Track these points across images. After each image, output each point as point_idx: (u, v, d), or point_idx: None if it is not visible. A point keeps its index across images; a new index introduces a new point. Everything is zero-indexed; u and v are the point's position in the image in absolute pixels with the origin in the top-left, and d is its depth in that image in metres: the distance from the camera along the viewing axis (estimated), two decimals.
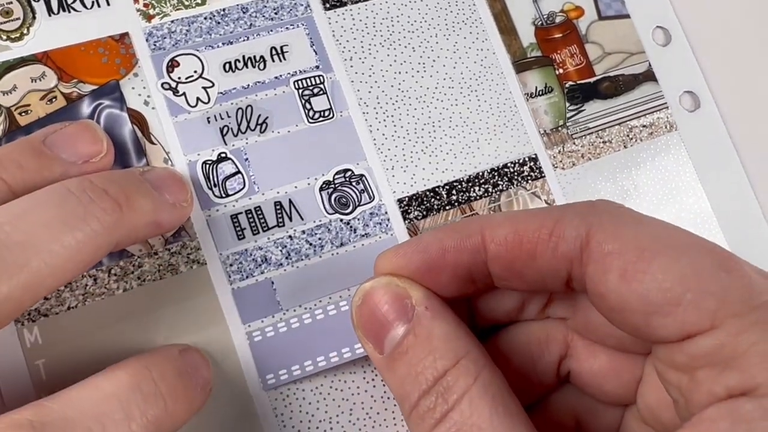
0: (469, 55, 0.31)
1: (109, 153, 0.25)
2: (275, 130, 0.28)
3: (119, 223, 0.22)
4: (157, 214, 0.24)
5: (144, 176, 0.24)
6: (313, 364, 0.26)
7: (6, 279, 0.19)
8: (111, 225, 0.21)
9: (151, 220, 0.23)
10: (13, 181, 0.22)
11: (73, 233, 0.20)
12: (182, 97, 0.27)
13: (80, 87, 0.27)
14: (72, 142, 0.24)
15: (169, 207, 0.24)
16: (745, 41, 0.34)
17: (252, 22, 0.29)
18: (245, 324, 0.26)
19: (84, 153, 0.24)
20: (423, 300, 0.21)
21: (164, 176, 0.25)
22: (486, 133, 0.30)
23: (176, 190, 0.25)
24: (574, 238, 0.20)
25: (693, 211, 0.31)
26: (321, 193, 0.28)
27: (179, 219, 0.25)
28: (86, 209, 0.21)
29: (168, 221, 0.24)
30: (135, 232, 0.23)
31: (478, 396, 0.19)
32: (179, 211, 0.25)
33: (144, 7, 0.28)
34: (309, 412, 0.26)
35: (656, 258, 0.19)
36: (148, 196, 0.23)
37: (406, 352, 0.21)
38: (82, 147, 0.24)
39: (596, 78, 0.32)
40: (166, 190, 0.24)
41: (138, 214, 0.23)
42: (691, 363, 0.18)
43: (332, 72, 0.29)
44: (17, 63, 0.26)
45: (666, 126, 0.32)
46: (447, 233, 0.22)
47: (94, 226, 0.21)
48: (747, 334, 0.17)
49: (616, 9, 0.33)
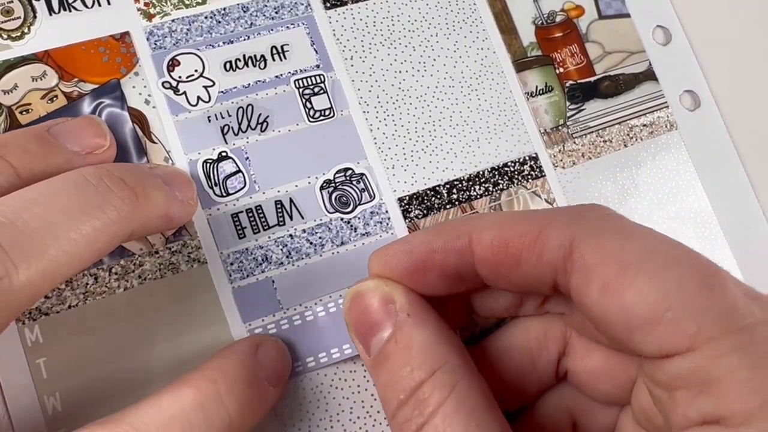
0: (469, 54, 0.31)
1: (112, 147, 0.25)
2: (276, 129, 0.28)
3: (135, 213, 0.22)
4: (169, 207, 0.24)
5: (155, 171, 0.25)
6: (315, 360, 0.26)
7: (25, 266, 0.19)
8: (127, 214, 0.21)
9: (163, 213, 0.23)
10: (19, 165, 0.22)
11: (90, 221, 0.20)
12: (183, 96, 0.27)
13: (81, 86, 0.27)
14: (76, 133, 0.24)
15: (179, 202, 0.24)
16: (745, 40, 0.34)
17: (252, 21, 0.29)
18: (246, 323, 0.26)
19: (88, 144, 0.24)
20: (406, 306, 0.21)
21: (173, 173, 0.25)
22: (486, 132, 0.30)
23: (184, 188, 0.25)
24: (558, 248, 0.20)
25: (693, 210, 0.31)
26: (321, 192, 0.28)
27: (188, 215, 0.25)
28: (104, 197, 0.21)
29: (178, 216, 0.24)
30: (148, 223, 0.23)
31: (452, 411, 0.19)
32: (188, 208, 0.25)
33: (145, 6, 0.28)
34: (309, 411, 0.26)
35: (638, 273, 0.18)
36: (162, 190, 0.24)
37: (387, 359, 0.21)
38: (86, 138, 0.24)
39: (596, 77, 0.32)
40: (175, 187, 0.25)
41: (152, 206, 0.23)
42: (670, 382, 0.18)
43: (333, 71, 0.29)
44: (18, 62, 0.26)
45: (666, 125, 0.32)
46: (434, 234, 0.22)
47: (111, 215, 0.21)
48: (725, 358, 0.17)
49: (617, 8, 0.33)
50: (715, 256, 0.31)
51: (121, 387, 0.24)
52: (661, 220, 0.31)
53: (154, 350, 0.25)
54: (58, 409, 0.24)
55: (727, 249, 0.31)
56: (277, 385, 0.24)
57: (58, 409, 0.24)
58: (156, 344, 0.25)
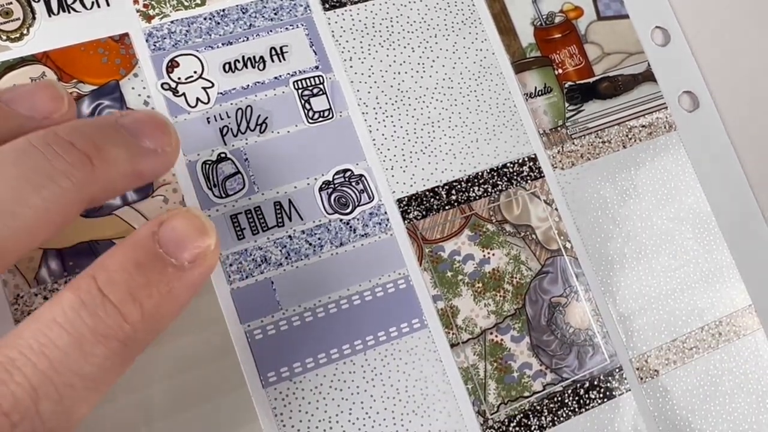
0: (468, 55, 0.31)
1: (71, 110, 0.23)
2: (275, 130, 0.28)
3: (91, 178, 0.20)
4: (135, 163, 0.21)
5: (120, 122, 0.22)
6: (314, 360, 0.26)
7: None
8: (81, 180, 0.20)
9: (128, 171, 0.21)
10: None
11: (38, 192, 0.19)
12: (182, 97, 0.28)
13: (80, 87, 0.27)
14: (29, 97, 0.22)
15: (149, 154, 0.22)
16: (744, 41, 0.34)
17: (251, 22, 0.29)
18: (244, 323, 0.26)
19: (43, 108, 0.22)
20: None
21: (143, 120, 0.22)
22: (485, 133, 0.30)
23: (158, 135, 0.22)
24: None
25: (692, 211, 0.31)
26: (320, 193, 0.28)
27: (163, 166, 0.23)
28: (52, 165, 0.19)
29: (150, 170, 0.22)
30: (112, 184, 0.21)
31: None
32: (162, 158, 0.22)
33: (144, 8, 0.28)
34: (309, 412, 0.26)
35: None
36: (123, 145, 0.21)
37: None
38: (40, 102, 0.22)
39: (595, 78, 0.32)
40: (146, 136, 0.22)
41: (112, 166, 0.21)
42: None
43: (332, 72, 0.29)
44: (17, 63, 0.26)
45: (665, 126, 0.32)
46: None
47: (63, 183, 0.19)
48: None
49: (615, 9, 0.33)
50: (713, 256, 0.31)
51: (119, 387, 0.24)
52: (660, 220, 0.31)
53: (152, 351, 0.25)
54: None
55: (726, 249, 0.31)
56: (192, 260, 0.21)
57: None
58: (154, 345, 0.25)
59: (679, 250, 0.31)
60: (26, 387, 0.17)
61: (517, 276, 0.29)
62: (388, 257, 0.28)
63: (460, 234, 0.29)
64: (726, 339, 0.31)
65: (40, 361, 0.18)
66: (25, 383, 0.17)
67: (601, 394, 0.29)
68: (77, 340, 0.18)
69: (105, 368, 0.19)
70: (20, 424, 0.17)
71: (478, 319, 0.28)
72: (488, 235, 0.29)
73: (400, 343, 0.27)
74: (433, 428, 0.27)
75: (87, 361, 0.18)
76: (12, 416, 0.17)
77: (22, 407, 0.17)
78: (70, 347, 0.18)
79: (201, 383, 0.25)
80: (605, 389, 0.29)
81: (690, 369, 0.30)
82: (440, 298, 0.28)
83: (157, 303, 0.20)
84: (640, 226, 0.31)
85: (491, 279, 0.29)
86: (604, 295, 0.30)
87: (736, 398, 0.30)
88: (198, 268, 0.21)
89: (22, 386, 0.17)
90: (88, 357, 0.18)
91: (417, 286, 0.28)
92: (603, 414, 0.29)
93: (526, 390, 0.28)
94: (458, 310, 0.28)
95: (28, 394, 0.17)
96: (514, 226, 0.30)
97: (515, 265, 0.29)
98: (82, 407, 0.19)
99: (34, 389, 0.17)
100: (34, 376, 0.18)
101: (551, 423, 0.28)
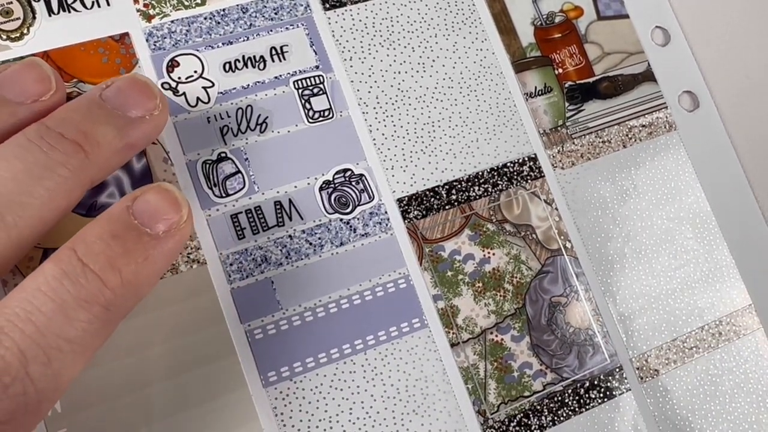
0: (468, 55, 0.31)
1: (60, 90, 0.23)
2: (275, 129, 0.28)
3: (86, 163, 0.21)
4: (125, 137, 0.22)
5: (104, 96, 0.23)
6: (315, 360, 0.26)
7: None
8: (77, 167, 0.21)
9: (120, 147, 0.22)
10: None
11: (41, 182, 0.20)
12: (182, 97, 0.28)
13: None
14: (16, 81, 0.23)
15: (138, 123, 0.23)
16: (744, 41, 0.34)
17: (252, 22, 0.29)
18: (245, 323, 0.26)
19: (31, 92, 0.23)
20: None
21: (125, 88, 0.23)
22: (485, 132, 0.30)
23: (142, 100, 0.23)
24: None
25: (692, 210, 0.31)
26: (321, 192, 0.28)
27: (153, 131, 0.24)
28: (48, 156, 0.21)
29: (140, 138, 0.23)
30: (107, 163, 0.22)
31: None
32: (150, 123, 0.23)
33: (144, 8, 0.28)
34: (309, 412, 0.26)
35: None
36: (109, 123, 0.22)
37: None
38: (28, 85, 0.23)
39: (595, 78, 0.32)
40: (131, 105, 0.23)
41: (103, 147, 0.22)
42: None
43: (332, 72, 0.29)
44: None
45: (665, 126, 0.32)
46: None
47: (61, 172, 0.21)
48: None
49: (615, 9, 0.33)
50: (713, 256, 0.31)
51: (119, 387, 0.24)
52: (660, 220, 0.31)
53: (153, 350, 0.25)
54: (57, 410, 0.24)
55: (726, 249, 0.31)
56: (167, 230, 0.22)
57: (58, 410, 0.24)
58: (154, 344, 0.25)
59: (679, 250, 0.31)
60: (15, 351, 0.18)
61: (518, 276, 0.29)
62: (389, 257, 0.28)
63: (461, 234, 0.29)
64: (726, 339, 0.31)
65: (27, 327, 0.19)
66: (13, 347, 0.18)
67: (601, 394, 0.29)
68: (61, 306, 0.19)
69: (89, 332, 0.20)
70: (12, 385, 0.18)
71: (479, 318, 0.28)
72: (488, 235, 0.29)
73: (400, 342, 0.27)
74: (434, 428, 0.27)
75: (72, 325, 0.19)
76: (3, 378, 0.18)
77: (12, 369, 0.18)
78: (54, 313, 0.19)
79: (201, 383, 0.25)
80: (605, 389, 0.29)
81: (690, 369, 0.30)
82: (440, 298, 0.28)
83: (135, 270, 0.21)
84: (640, 226, 0.31)
85: (491, 279, 0.29)
86: (605, 294, 0.30)
87: (736, 398, 0.30)
88: (172, 237, 0.22)
89: (10, 350, 0.18)
90: (72, 321, 0.19)
91: (417, 285, 0.28)
92: (603, 414, 0.29)
93: (527, 390, 0.28)
94: (458, 309, 0.28)
95: (17, 358, 0.18)
96: (514, 225, 0.30)
97: (515, 265, 0.29)
98: (69, 370, 0.19)
99: (22, 353, 0.18)
100: (21, 341, 0.19)
101: (551, 423, 0.28)
